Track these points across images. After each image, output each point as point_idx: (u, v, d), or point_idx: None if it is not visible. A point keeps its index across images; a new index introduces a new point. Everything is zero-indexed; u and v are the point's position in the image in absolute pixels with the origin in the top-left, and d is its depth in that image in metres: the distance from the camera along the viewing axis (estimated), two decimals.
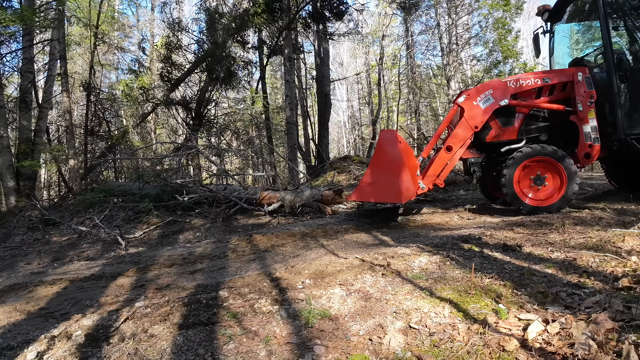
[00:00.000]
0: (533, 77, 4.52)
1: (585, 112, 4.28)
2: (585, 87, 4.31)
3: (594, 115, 4.28)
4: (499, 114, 4.54)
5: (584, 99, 4.29)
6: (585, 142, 4.28)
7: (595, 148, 4.27)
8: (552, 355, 1.37)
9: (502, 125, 4.56)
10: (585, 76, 4.35)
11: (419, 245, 3.03)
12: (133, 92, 11.10)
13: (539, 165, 4.29)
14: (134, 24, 21.36)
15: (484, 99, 4.38)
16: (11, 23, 7.21)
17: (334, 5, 11.12)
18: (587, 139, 4.28)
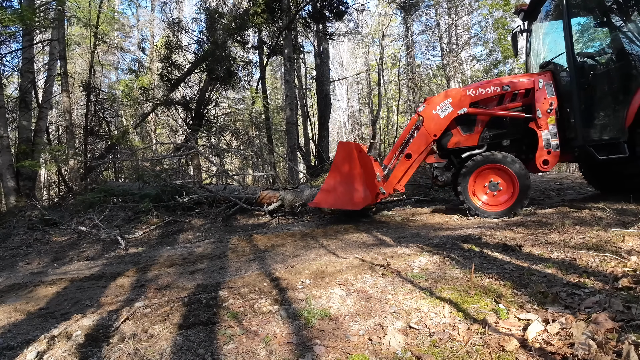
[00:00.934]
0: (492, 86, 4.58)
1: (544, 119, 4.31)
2: (546, 94, 4.34)
3: (554, 122, 4.32)
4: (460, 121, 4.64)
5: (543, 106, 4.32)
6: (544, 149, 4.33)
7: (554, 155, 4.30)
8: (552, 355, 1.37)
9: (463, 132, 4.66)
10: (545, 83, 4.36)
11: (419, 245, 3.03)
12: (133, 92, 11.10)
13: (492, 172, 4.39)
14: (134, 24, 21.37)
15: (442, 107, 4.51)
16: (11, 23, 7.21)
17: (334, 5, 11.12)
18: (546, 145, 4.32)
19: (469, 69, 19.43)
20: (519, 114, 4.47)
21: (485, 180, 4.44)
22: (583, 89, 4.19)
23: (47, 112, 9.90)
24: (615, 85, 4.26)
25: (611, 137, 4.17)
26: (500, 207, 4.36)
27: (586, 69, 4.22)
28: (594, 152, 4.19)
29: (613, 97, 4.24)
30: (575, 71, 4.21)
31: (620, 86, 4.21)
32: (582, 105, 4.22)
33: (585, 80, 4.18)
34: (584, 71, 4.20)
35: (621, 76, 4.22)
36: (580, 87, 4.18)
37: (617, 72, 4.28)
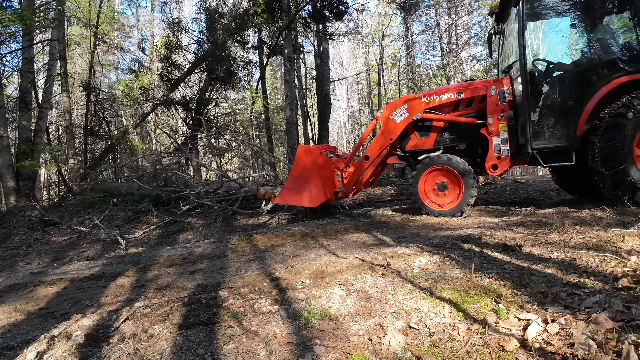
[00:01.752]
0: (447, 92, 4.79)
1: (496, 125, 4.46)
2: (498, 100, 4.47)
3: (506, 128, 4.44)
4: (417, 125, 4.89)
5: (494, 113, 4.47)
6: (494, 154, 4.48)
7: (504, 160, 4.44)
8: (552, 355, 1.37)
9: (420, 136, 4.91)
10: (498, 90, 4.49)
11: (419, 245, 3.03)
12: (133, 92, 11.10)
13: (441, 174, 4.61)
14: (134, 24, 21.37)
15: (399, 113, 4.76)
16: (11, 23, 7.21)
17: (334, 5, 11.12)
18: (496, 151, 4.47)
19: (469, 69, 19.43)
20: (471, 120, 4.64)
21: (434, 181, 4.65)
22: (534, 95, 4.27)
23: (47, 112, 9.90)
24: (567, 93, 4.35)
25: (561, 144, 4.26)
26: (447, 206, 4.59)
27: (537, 75, 4.27)
28: (539, 159, 4.30)
29: (564, 105, 4.34)
30: (526, 77, 4.27)
31: (572, 94, 4.30)
32: (533, 111, 4.30)
33: (536, 88, 4.25)
34: (534, 78, 4.25)
35: (573, 85, 4.32)
36: (531, 93, 4.25)
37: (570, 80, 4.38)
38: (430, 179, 4.65)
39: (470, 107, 4.72)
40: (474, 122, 4.61)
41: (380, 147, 4.88)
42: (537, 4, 4.57)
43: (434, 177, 4.64)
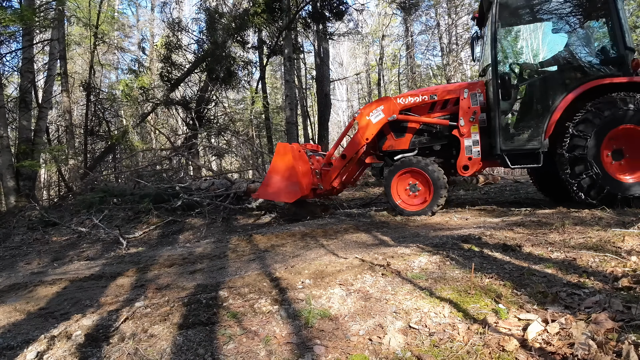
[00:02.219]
0: (421, 95, 4.96)
1: (467, 127, 4.56)
2: (470, 103, 4.58)
3: (477, 130, 4.55)
4: (393, 126, 5.03)
5: (466, 115, 4.58)
6: (465, 155, 4.60)
7: (474, 161, 4.56)
8: (552, 355, 1.37)
9: (395, 136, 5.05)
10: (470, 92, 4.61)
11: (419, 245, 3.03)
12: (133, 92, 11.10)
13: (412, 175, 4.76)
14: (134, 24, 21.38)
15: (375, 114, 4.90)
16: (11, 23, 7.22)
17: (334, 5, 11.12)
18: (467, 152, 4.58)
19: (469, 69, 19.42)
20: (444, 122, 4.77)
21: (406, 182, 4.80)
22: (504, 99, 4.37)
23: (47, 112, 9.91)
24: (536, 97, 4.45)
25: (530, 147, 4.34)
26: (417, 207, 4.73)
27: (507, 79, 4.38)
28: (508, 161, 4.43)
29: (534, 109, 4.45)
30: (497, 81, 4.38)
31: (541, 99, 4.39)
32: (503, 114, 4.43)
33: (506, 91, 4.36)
34: (504, 82, 4.36)
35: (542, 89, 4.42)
36: (502, 97, 4.36)
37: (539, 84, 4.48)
38: (403, 180, 4.81)
39: (445, 109, 4.85)
40: (446, 123, 4.74)
41: (357, 147, 5.02)
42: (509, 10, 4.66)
43: (406, 178, 4.79)
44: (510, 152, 4.44)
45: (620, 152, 4.06)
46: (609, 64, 4.22)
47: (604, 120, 3.93)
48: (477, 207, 5.26)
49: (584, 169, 4.00)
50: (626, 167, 4.05)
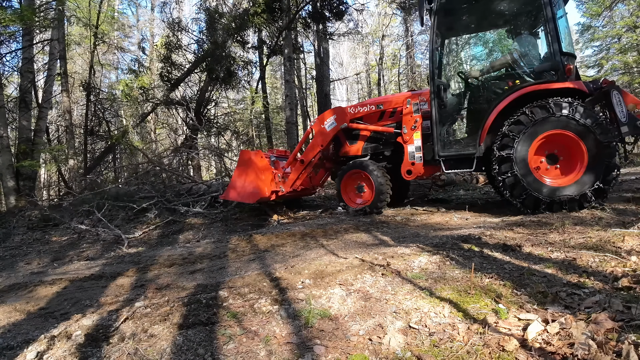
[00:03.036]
0: (369, 105, 5.37)
1: (410, 134, 4.88)
2: (412, 112, 4.89)
3: (419, 137, 4.85)
4: (347, 134, 5.44)
5: (408, 123, 4.90)
6: (409, 161, 4.91)
7: (417, 166, 4.87)
8: (552, 355, 1.37)
9: (350, 143, 5.47)
10: (413, 102, 4.92)
11: (419, 245, 3.03)
12: (133, 92, 11.10)
13: (359, 177, 5.15)
14: (134, 24, 21.38)
15: (328, 123, 5.28)
16: (11, 23, 7.22)
17: (334, 5, 11.12)
18: (410, 157, 4.89)
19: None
20: (389, 129, 5.12)
21: (355, 183, 5.22)
22: (440, 107, 4.65)
23: (47, 112, 9.91)
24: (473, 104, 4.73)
25: (466, 152, 4.59)
26: (362, 205, 5.11)
27: (444, 88, 4.66)
28: (442, 165, 4.72)
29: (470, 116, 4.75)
30: (434, 90, 4.66)
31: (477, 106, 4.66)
32: (440, 121, 4.68)
33: (441, 101, 4.64)
34: (441, 91, 4.64)
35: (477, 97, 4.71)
36: (438, 105, 4.64)
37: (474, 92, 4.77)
38: (352, 181, 5.22)
39: (393, 117, 5.19)
40: (391, 131, 5.09)
41: (314, 153, 5.39)
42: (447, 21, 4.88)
43: (354, 179, 5.21)
44: (448, 158, 4.69)
45: (554, 157, 4.18)
46: (545, 70, 4.34)
47: (534, 123, 4.06)
48: (477, 207, 5.27)
49: (509, 168, 4.14)
50: (557, 171, 4.17)
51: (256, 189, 5.16)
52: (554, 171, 4.18)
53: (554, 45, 4.22)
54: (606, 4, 18.48)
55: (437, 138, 4.67)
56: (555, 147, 4.14)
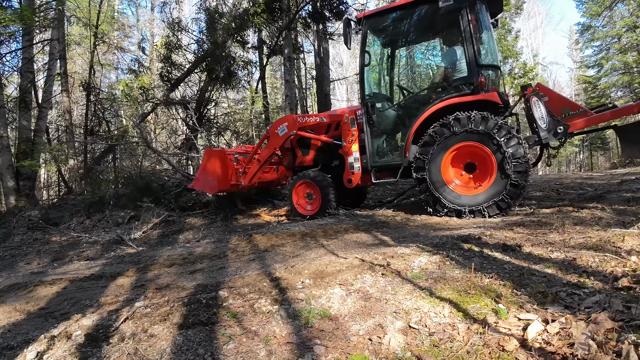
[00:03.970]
0: (314, 116, 5.84)
1: (349, 146, 5.24)
2: (349, 126, 5.25)
3: (357, 149, 5.23)
4: (301, 144, 5.85)
5: (347, 136, 5.27)
6: (349, 170, 5.26)
7: (356, 175, 5.24)
8: (552, 355, 1.37)
9: (303, 154, 5.87)
10: (350, 117, 5.27)
11: (419, 245, 3.03)
12: (133, 92, 11.09)
13: (308, 186, 5.50)
14: (134, 24, 21.38)
15: (281, 128, 5.69)
16: (11, 23, 7.22)
17: (333, 5, 11.11)
18: (350, 167, 5.25)
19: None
20: (329, 140, 5.51)
21: (305, 191, 5.56)
22: (369, 122, 5.04)
23: (47, 112, 9.90)
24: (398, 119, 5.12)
25: (394, 163, 5.00)
26: (311, 211, 5.44)
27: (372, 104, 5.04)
28: (372, 175, 5.13)
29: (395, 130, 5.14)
30: (364, 106, 5.05)
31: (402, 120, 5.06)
32: (371, 135, 5.07)
33: (369, 116, 5.02)
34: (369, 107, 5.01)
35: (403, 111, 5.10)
36: (368, 120, 5.04)
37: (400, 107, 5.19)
38: (302, 189, 5.56)
39: (338, 130, 5.54)
40: (331, 142, 5.48)
41: (268, 153, 5.83)
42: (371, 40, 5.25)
43: (304, 188, 5.55)
44: (378, 168, 5.12)
45: (472, 167, 4.49)
46: (462, 84, 4.61)
47: (440, 141, 4.39)
48: None
49: (425, 188, 4.54)
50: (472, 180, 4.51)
51: (215, 181, 5.81)
52: (469, 180, 4.51)
53: (471, 59, 4.48)
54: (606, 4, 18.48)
55: (368, 150, 5.08)
56: (470, 158, 4.46)
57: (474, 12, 4.56)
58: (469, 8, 4.48)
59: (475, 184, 4.43)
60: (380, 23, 5.19)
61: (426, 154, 4.47)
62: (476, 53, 4.44)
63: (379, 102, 5.23)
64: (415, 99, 5.05)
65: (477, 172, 4.46)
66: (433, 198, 4.52)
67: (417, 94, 5.12)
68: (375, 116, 5.03)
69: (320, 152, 5.74)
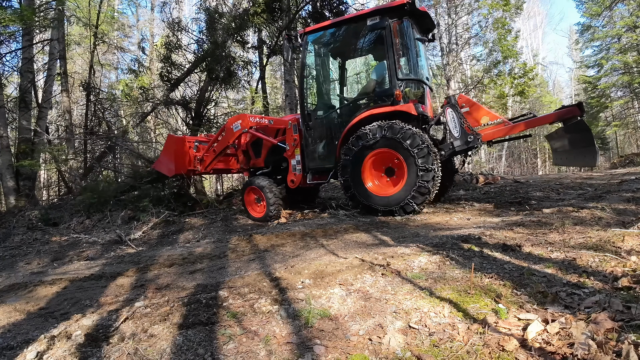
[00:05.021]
0: (265, 119, 6.36)
1: (292, 150, 5.63)
2: (292, 132, 5.64)
3: (299, 153, 5.61)
4: (254, 147, 6.23)
5: (290, 141, 5.66)
6: (292, 172, 5.67)
7: (298, 176, 5.63)
8: (552, 355, 1.37)
9: (255, 155, 6.25)
10: (293, 124, 5.65)
11: (419, 245, 3.03)
12: (133, 92, 11.08)
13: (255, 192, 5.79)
14: (134, 24, 21.39)
15: (235, 125, 6.07)
16: (11, 23, 7.22)
17: (333, 5, 11.10)
18: (293, 169, 5.66)
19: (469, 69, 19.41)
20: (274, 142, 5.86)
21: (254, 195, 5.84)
22: (307, 128, 5.49)
23: (47, 112, 9.90)
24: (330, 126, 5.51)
25: (327, 166, 5.46)
26: (260, 214, 5.70)
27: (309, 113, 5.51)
28: (309, 176, 5.58)
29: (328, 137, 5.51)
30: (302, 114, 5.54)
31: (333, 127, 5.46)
32: (308, 140, 5.53)
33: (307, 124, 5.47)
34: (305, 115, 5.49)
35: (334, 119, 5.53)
36: (305, 127, 5.50)
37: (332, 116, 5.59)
38: (252, 194, 5.88)
39: (284, 135, 5.88)
40: (275, 143, 5.85)
41: (223, 146, 6.24)
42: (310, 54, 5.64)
43: (253, 192, 5.86)
44: (314, 171, 5.57)
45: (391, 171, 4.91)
46: (383, 95, 5.02)
47: (358, 148, 4.82)
48: (477, 207, 5.27)
49: (348, 189, 4.99)
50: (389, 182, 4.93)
51: (172, 165, 6.37)
52: (387, 183, 4.94)
53: (392, 72, 4.90)
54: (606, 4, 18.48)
55: (306, 154, 5.56)
56: (389, 163, 4.88)
57: (397, 30, 4.93)
58: (392, 26, 4.88)
59: (393, 187, 4.85)
60: (319, 38, 5.68)
61: (348, 159, 4.92)
62: (396, 67, 4.86)
63: (316, 110, 5.66)
64: (347, 109, 5.50)
65: (394, 177, 4.90)
66: (353, 198, 4.97)
67: (348, 104, 5.58)
68: (311, 123, 5.50)
69: (270, 155, 6.09)
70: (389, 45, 4.88)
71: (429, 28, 5.65)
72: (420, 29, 5.44)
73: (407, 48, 5.02)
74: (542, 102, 28.32)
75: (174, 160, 6.36)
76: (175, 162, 6.34)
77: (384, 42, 4.94)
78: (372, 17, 5.03)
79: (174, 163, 6.35)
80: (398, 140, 4.56)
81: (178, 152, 6.40)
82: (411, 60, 5.07)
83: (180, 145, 6.42)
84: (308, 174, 5.59)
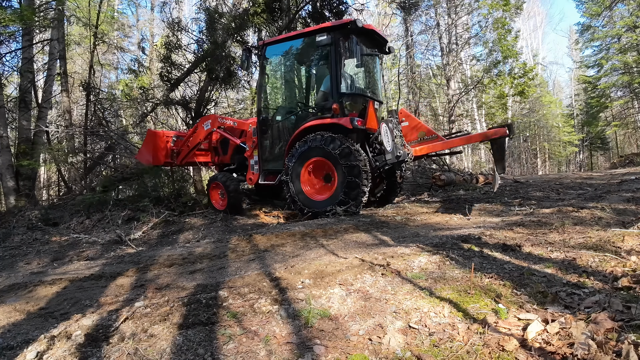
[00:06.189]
0: (231, 121, 6.82)
1: (250, 151, 6.09)
2: (252, 134, 6.11)
3: (257, 154, 6.02)
4: (222, 146, 6.74)
5: (249, 142, 6.15)
6: (251, 171, 6.13)
7: (255, 175, 6.05)
8: (552, 355, 1.37)
9: (222, 153, 6.78)
10: (253, 127, 6.12)
11: (419, 245, 3.03)
12: (133, 92, 11.08)
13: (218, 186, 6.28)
14: (134, 24, 21.38)
15: (206, 124, 6.74)
16: (11, 23, 7.21)
17: (333, 5, 11.09)
18: (252, 169, 6.10)
19: (469, 69, 19.40)
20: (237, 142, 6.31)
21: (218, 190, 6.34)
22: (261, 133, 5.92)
23: (47, 112, 9.89)
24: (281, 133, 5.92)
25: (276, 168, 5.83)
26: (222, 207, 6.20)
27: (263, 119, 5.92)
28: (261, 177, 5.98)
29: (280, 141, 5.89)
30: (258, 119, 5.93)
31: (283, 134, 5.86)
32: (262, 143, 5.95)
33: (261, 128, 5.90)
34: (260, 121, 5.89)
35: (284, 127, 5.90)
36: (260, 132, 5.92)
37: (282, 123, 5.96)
38: (216, 189, 6.35)
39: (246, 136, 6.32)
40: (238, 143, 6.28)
41: (195, 142, 6.87)
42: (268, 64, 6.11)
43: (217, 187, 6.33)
44: (267, 172, 5.96)
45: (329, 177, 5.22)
46: (324, 108, 5.35)
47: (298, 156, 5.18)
48: (477, 207, 5.27)
49: (288, 190, 5.33)
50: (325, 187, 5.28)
51: (150, 156, 6.97)
52: (323, 187, 5.30)
53: (334, 86, 5.22)
54: (606, 4, 18.48)
55: (260, 156, 5.99)
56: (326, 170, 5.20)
57: (342, 47, 5.22)
58: (336, 44, 5.17)
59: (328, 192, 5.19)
60: (276, 50, 6.07)
61: (290, 164, 5.27)
62: (338, 82, 5.17)
63: (270, 116, 6.07)
64: (297, 117, 5.85)
65: (329, 183, 5.25)
66: (292, 199, 5.32)
67: (298, 113, 5.92)
68: (264, 128, 5.90)
69: (235, 153, 6.53)
70: (333, 61, 5.21)
71: (382, 43, 5.95)
72: (372, 44, 5.81)
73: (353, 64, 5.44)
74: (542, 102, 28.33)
75: (151, 152, 6.96)
76: (152, 154, 6.95)
77: (329, 57, 5.29)
78: (320, 33, 5.33)
79: (152, 155, 6.97)
80: (330, 151, 4.94)
81: (156, 145, 7.00)
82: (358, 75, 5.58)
83: (157, 139, 7.03)
84: (261, 175, 6.00)
